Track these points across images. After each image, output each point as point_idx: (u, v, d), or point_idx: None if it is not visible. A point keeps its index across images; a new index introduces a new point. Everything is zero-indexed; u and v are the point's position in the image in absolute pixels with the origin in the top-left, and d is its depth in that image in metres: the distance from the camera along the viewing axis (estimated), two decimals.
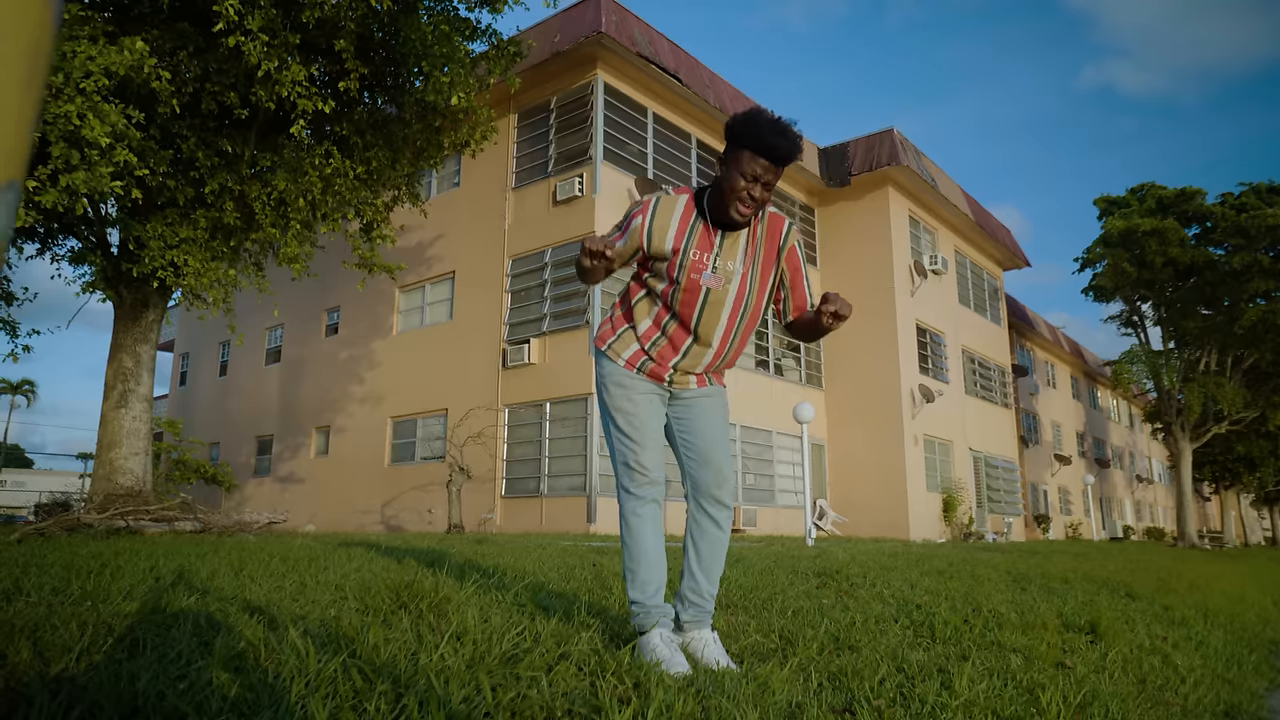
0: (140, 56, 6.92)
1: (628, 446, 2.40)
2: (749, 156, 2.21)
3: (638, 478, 2.39)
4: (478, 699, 1.72)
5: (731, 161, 2.26)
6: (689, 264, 2.33)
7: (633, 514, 2.40)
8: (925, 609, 3.78)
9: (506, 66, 10.08)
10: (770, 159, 2.20)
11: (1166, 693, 2.97)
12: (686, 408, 2.50)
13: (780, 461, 17.12)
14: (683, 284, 2.34)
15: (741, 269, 2.37)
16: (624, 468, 2.41)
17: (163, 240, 8.36)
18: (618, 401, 2.42)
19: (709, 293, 2.35)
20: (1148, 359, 25.64)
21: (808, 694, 2.14)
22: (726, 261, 2.35)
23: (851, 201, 19.65)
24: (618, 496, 2.46)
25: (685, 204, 2.38)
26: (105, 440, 8.79)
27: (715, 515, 2.45)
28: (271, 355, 20.59)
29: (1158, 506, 44.43)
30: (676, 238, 2.34)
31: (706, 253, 2.34)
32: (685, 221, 2.35)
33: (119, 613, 2.21)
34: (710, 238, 2.35)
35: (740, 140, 2.23)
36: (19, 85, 0.42)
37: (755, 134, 2.20)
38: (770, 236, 2.43)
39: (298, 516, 16.50)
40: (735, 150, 2.25)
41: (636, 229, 2.36)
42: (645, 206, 2.37)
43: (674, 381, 2.46)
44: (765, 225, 2.43)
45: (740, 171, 2.23)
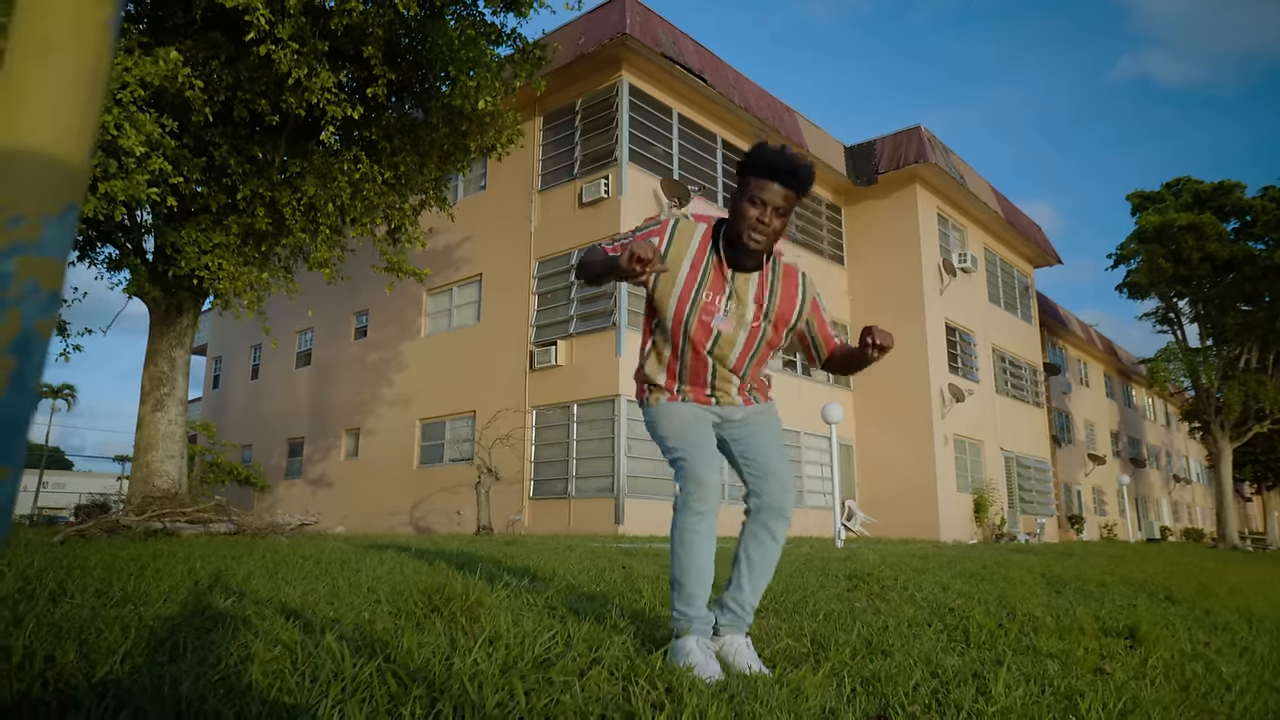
0: (174, 66, 7.05)
1: (685, 464, 2.38)
2: (757, 183, 2.22)
3: (699, 492, 2.35)
4: (511, 704, 1.73)
5: (742, 191, 2.26)
6: (700, 307, 2.33)
7: (691, 530, 2.37)
8: (959, 612, 3.74)
9: (532, 70, 10.13)
10: (781, 183, 2.21)
11: (1211, 701, 2.90)
12: (741, 427, 2.51)
13: (808, 462, 17.02)
14: (695, 323, 2.35)
15: (753, 314, 2.37)
16: (685, 482, 2.39)
17: (197, 246, 8.51)
18: (666, 429, 2.44)
19: (720, 334, 2.37)
20: (1185, 356, 25.12)
21: (841, 700, 2.12)
22: (738, 306, 2.35)
23: (879, 200, 19.49)
24: (675, 507, 2.43)
25: (702, 236, 2.35)
26: (142, 443, 8.96)
27: (774, 528, 2.44)
28: (302, 358, 20.86)
29: (1196, 507, 43.54)
30: (691, 271, 2.32)
31: (719, 295, 2.33)
32: (700, 256, 2.33)
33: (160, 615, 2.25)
34: (723, 279, 2.34)
35: (749, 169, 2.24)
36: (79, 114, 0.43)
37: (762, 161, 2.21)
38: (787, 285, 2.42)
39: (328, 518, 16.71)
40: (745, 178, 2.26)
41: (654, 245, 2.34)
42: (664, 227, 2.34)
43: (717, 395, 2.47)
44: (780, 272, 2.42)
45: (750, 199, 2.23)
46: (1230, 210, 24.54)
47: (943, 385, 18.37)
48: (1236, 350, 24.85)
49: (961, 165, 20.44)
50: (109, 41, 0.46)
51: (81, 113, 0.45)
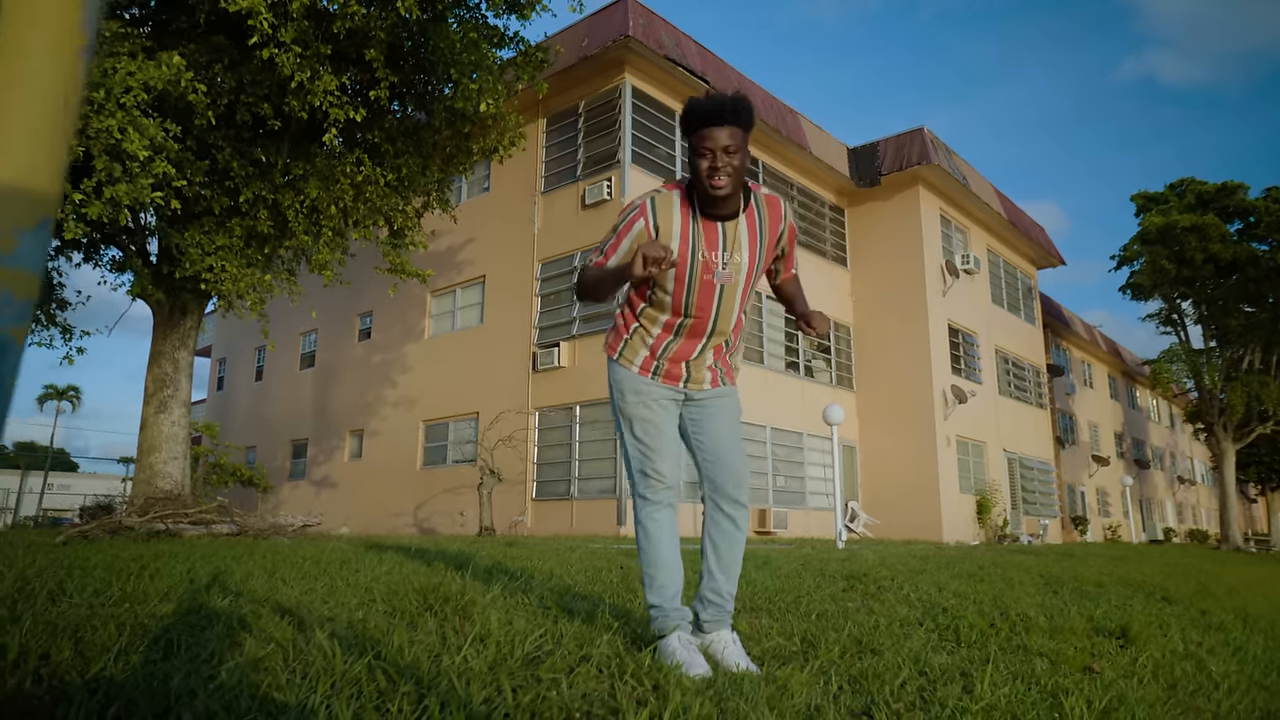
0: (177, 71, 7.11)
1: (644, 453, 2.43)
2: (697, 135, 2.22)
3: (654, 484, 2.42)
4: (498, 700, 1.76)
5: (690, 151, 2.27)
6: (700, 265, 2.34)
7: (650, 519, 2.43)
8: (951, 612, 3.76)
9: (534, 73, 10.17)
10: (716, 124, 2.18)
11: (1198, 699, 2.92)
12: (700, 409, 2.52)
13: (811, 464, 17.03)
14: (696, 287, 2.36)
15: (748, 257, 2.39)
16: (640, 475, 2.44)
17: (200, 248, 8.57)
18: (634, 409, 2.44)
19: (723, 288, 2.38)
20: (1188, 358, 25.06)
21: (826, 697, 2.15)
22: (734, 254, 2.36)
23: (881, 201, 19.50)
24: (633, 502, 2.49)
25: (680, 201, 2.34)
26: (145, 445, 9.02)
27: (733, 514, 2.47)
28: (306, 360, 20.93)
29: (1200, 508, 43.41)
30: (681, 240, 2.33)
31: (714, 250, 2.34)
32: (685, 221, 2.33)
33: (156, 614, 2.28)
34: (715, 233, 2.35)
35: (686, 127, 2.25)
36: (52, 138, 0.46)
37: (694, 114, 2.21)
38: (773, 218, 2.44)
39: (332, 519, 16.77)
40: (687, 138, 2.26)
41: (642, 232, 2.33)
42: (642, 208, 2.33)
43: (690, 381, 2.48)
44: (765, 208, 2.42)
45: (698, 153, 2.23)
46: (1234, 211, 24.49)
47: (945, 387, 18.37)
48: (1239, 352, 24.78)
49: (964, 166, 20.43)
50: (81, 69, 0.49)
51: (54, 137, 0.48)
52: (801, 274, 11.24)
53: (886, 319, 18.91)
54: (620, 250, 2.34)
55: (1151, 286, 25.25)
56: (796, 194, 18.47)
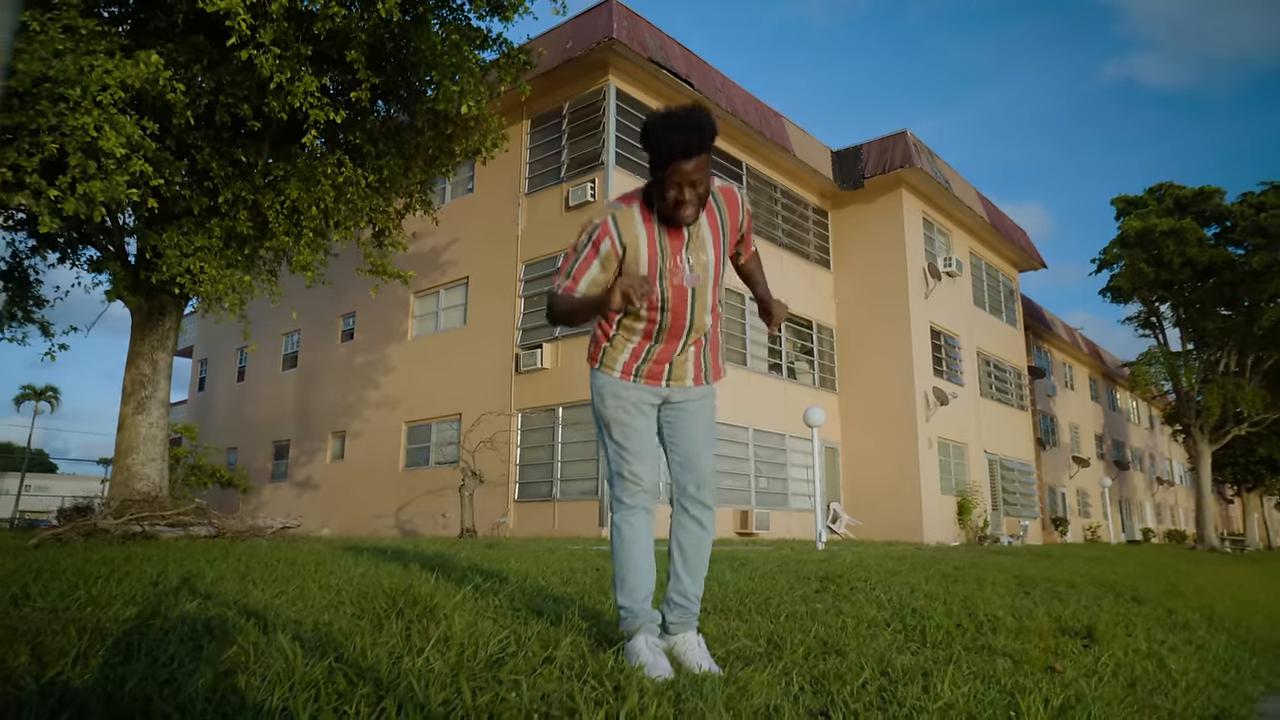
0: (155, 69, 7.07)
1: (623, 457, 2.45)
2: (664, 168, 2.21)
3: (631, 488, 2.44)
4: (456, 701, 1.78)
5: (656, 175, 2.25)
6: (668, 273, 2.36)
7: (625, 523, 2.46)
8: (920, 613, 3.80)
9: (517, 74, 10.17)
10: (683, 159, 2.17)
11: (1156, 696, 2.97)
12: (678, 411, 2.54)
13: (793, 465, 17.10)
14: (670, 294, 2.38)
15: (714, 254, 2.42)
16: (619, 478, 2.46)
17: (179, 249, 8.51)
18: (613, 413, 2.46)
19: (694, 291, 2.41)
20: (1166, 360, 25.36)
21: (786, 698, 2.18)
22: (699, 254, 2.39)
23: (865, 204, 19.61)
24: (611, 507, 2.52)
25: (640, 214, 2.34)
26: (123, 446, 8.95)
27: (699, 516, 2.51)
28: (288, 361, 20.82)
29: (1179, 509, 43.89)
30: (649, 251, 2.34)
31: (679, 255, 2.36)
32: (650, 233, 2.34)
33: (118, 618, 2.28)
34: (679, 238, 2.36)
35: (652, 158, 2.23)
36: None
37: (657, 145, 2.18)
38: (731, 210, 2.46)
39: (313, 521, 16.68)
40: (653, 163, 2.24)
41: (609, 253, 2.31)
42: (605, 227, 2.32)
43: (672, 379, 2.50)
44: (723, 201, 2.44)
45: (666, 183, 2.23)
46: (1210, 216, 24.82)
47: (927, 388, 18.50)
48: (1216, 354, 25.11)
49: (947, 170, 20.59)
50: None
51: None
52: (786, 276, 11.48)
53: (869, 321, 19.03)
54: (590, 272, 2.32)
55: (1131, 289, 25.54)
56: (780, 196, 18.55)
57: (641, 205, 2.36)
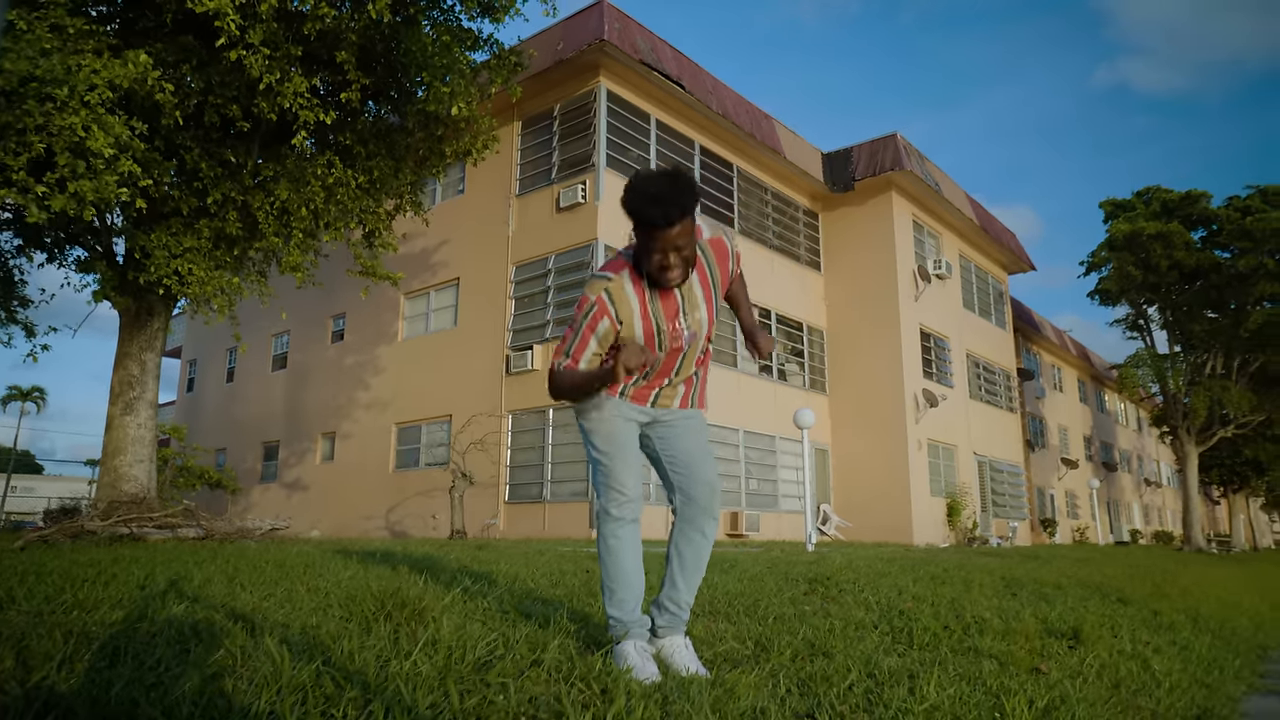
0: (144, 70, 7.03)
1: (609, 469, 2.46)
2: (646, 234, 2.19)
3: (619, 498, 2.45)
4: (444, 704, 1.79)
5: (640, 240, 2.24)
6: (667, 337, 2.37)
7: (613, 535, 2.45)
8: (908, 615, 3.82)
9: (508, 76, 10.16)
10: (665, 226, 2.15)
11: (1140, 697, 3.00)
12: (669, 428, 2.56)
13: (784, 466, 17.14)
14: (665, 356, 2.41)
15: (706, 310, 2.43)
16: (605, 489, 2.47)
17: (167, 250, 8.47)
18: (595, 424, 2.47)
19: (687, 349, 2.45)
20: (1153, 362, 25.55)
21: (774, 700, 2.19)
22: (693, 312, 2.40)
23: (855, 206, 19.68)
24: (597, 518, 2.52)
25: (631, 282, 2.32)
26: (110, 447, 8.90)
27: (704, 528, 2.51)
28: (278, 361, 20.75)
29: (1166, 510, 44.19)
30: (644, 321, 2.32)
31: (675, 319, 2.37)
32: (643, 302, 2.32)
33: (105, 621, 2.28)
34: (673, 300, 2.36)
35: (635, 223, 2.20)
36: None
37: (636, 215, 2.16)
38: (721, 261, 2.46)
39: (303, 522, 16.63)
40: (636, 229, 2.23)
41: (608, 332, 2.30)
42: (601, 304, 2.30)
43: (657, 402, 2.52)
44: (712, 254, 2.44)
45: (649, 250, 2.21)
46: (1197, 219, 25.03)
47: (917, 390, 18.57)
48: (1203, 356, 25.32)
49: (937, 173, 20.69)
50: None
51: None
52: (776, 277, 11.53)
53: (859, 323, 19.09)
54: (588, 350, 2.32)
55: (1119, 292, 25.73)
56: (771, 198, 18.60)
57: (631, 271, 2.33)
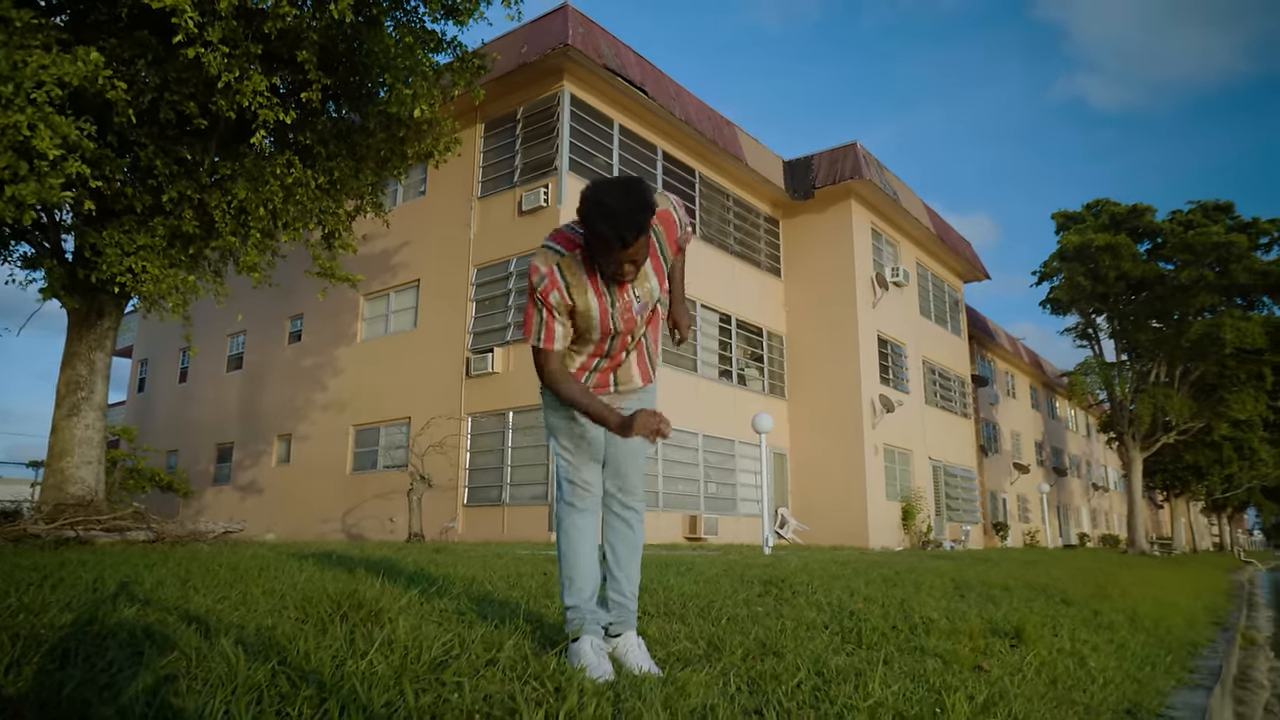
0: (95, 67, 6.89)
1: (572, 464, 2.54)
2: (601, 249, 2.22)
3: (581, 492, 2.53)
4: (399, 702, 1.82)
5: (595, 247, 2.25)
6: (620, 312, 2.41)
7: (573, 526, 2.53)
8: (858, 616, 3.92)
9: (471, 78, 10.14)
10: (620, 245, 2.17)
11: (1075, 692, 3.13)
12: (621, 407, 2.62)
13: (742, 470, 17.29)
14: (620, 330, 2.46)
15: (657, 280, 2.48)
16: (567, 483, 2.54)
17: (120, 248, 8.29)
18: (562, 421, 2.54)
19: (640, 317, 2.49)
20: (1101, 370, 26.29)
21: (724, 697, 2.25)
22: (644, 284, 2.45)
23: (815, 214, 19.96)
24: (557, 510, 2.59)
25: (583, 261, 2.34)
26: (56, 449, 8.68)
27: (627, 517, 2.60)
28: (233, 362, 20.37)
29: (1113, 514, 45.42)
30: (597, 298, 2.36)
31: (626, 290, 2.41)
32: (596, 286, 2.36)
33: (54, 624, 2.26)
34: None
35: (590, 235, 2.22)
36: None
37: (595, 229, 2.18)
38: (669, 234, 2.48)
39: (258, 525, 16.33)
40: (591, 240, 2.24)
41: (560, 302, 2.33)
42: (552, 278, 2.32)
43: (619, 384, 2.59)
44: (661, 230, 2.45)
45: (604, 259, 2.24)
46: (1143, 232, 25.84)
47: (874, 396, 18.87)
48: (1148, 365, 26.12)
49: (896, 182, 21.07)
50: None
51: None
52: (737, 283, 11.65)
53: (818, 329, 19.35)
54: (558, 330, 2.35)
55: (1069, 302, 26.44)
56: (732, 204, 18.77)
57: (582, 252, 2.34)
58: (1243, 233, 24.48)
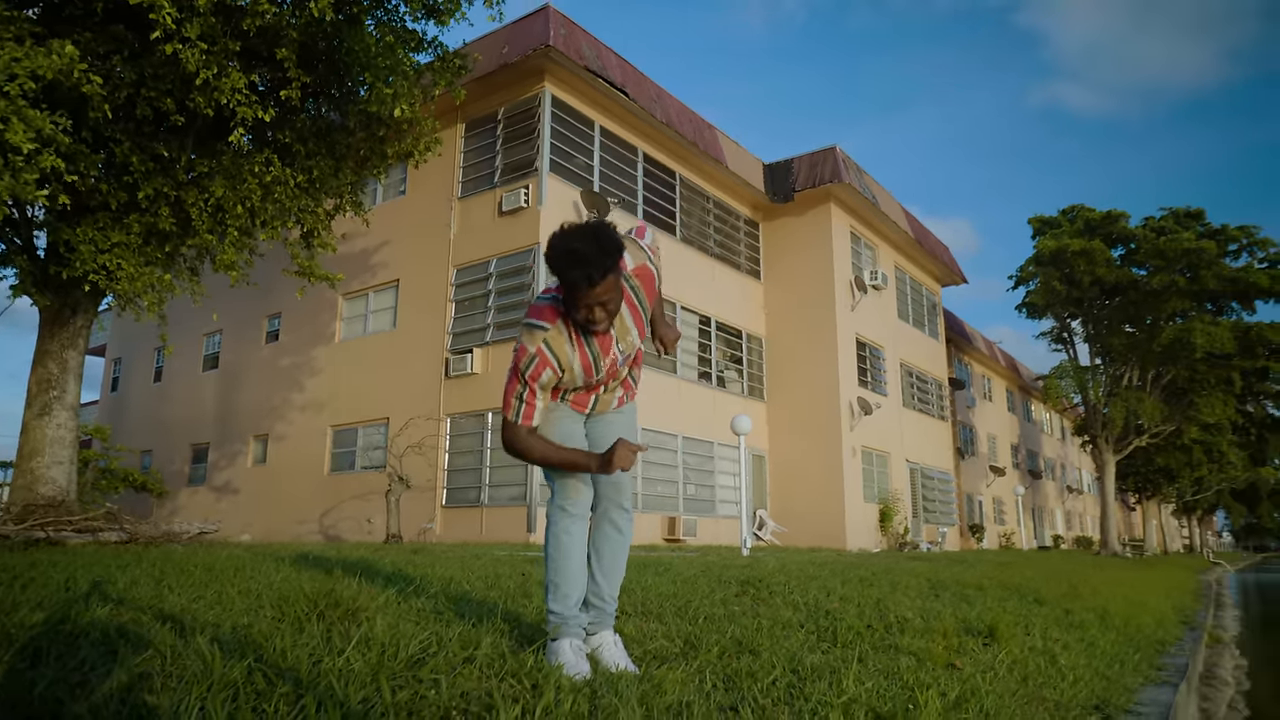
0: (70, 61, 6.80)
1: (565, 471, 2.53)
2: (571, 293, 2.24)
3: (573, 496, 2.52)
4: (376, 699, 1.82)
5: (565, 294, 2.28)
6: (604, 364, 2.46)
7: (565, 532, 2.52)
8: (834, 615, 3.96)
9: (452, 78, 10.10)
10: (589, 287, 2.20)
11: (1045, 689, 3.18)
12: (600, 422, 2.66)
13: (721, 472, 17.35)
14: (604, 379, 2.52)
15: (637, 331, 2.52)
16: (561, 488, 2.54)
17: (94, 245, 8.18)
18: (549, 432, 2.54)
19: (623, 368, 2.56)
20: (1075, 374, 26.66)
21: (699, 694, 2.27)
22: (625, 338, 2.49)
23: (795, 217, 20.08)
24: (549, 513, 2.58)
25: (566, 329, 2.38)
26: (26, 449, 8.55)
27: (617, 521, 2.60)
28: (209, 361, 20.15)
29: (1087, 516, 46.00)
30: (582, 361, 2.41)
31: (610, 348, 2.45)
32: (580, 345, 2.39)
33: (24, 624, 2.24)
34: (609, 335, 2.44)
35: (560, 280, 2.25)
36: None
37: (562, 276, 2.21)
38: (648, 290, 2.53)
39: (233, 526, 16.16)
40: (561, 284, 2.27)
41: (550, 380, 2.38)
42: (542, 356, 2.36)
43: (596, 409, 2.63)
44: (638, 285, 2.49)
45: (574, 304, 2.27)
46: (1117, 238, 26.24)
47: (852, 398, 19.01)
48: (1121, 369, 26.52)
49: (875, 186, 21.24)
50: None
51: None
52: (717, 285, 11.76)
53: (797, 331, 19.46)
54: (538, 408, 2.40)
55: (1045, 306, 26.79)
56: (713, 206, 18.84)
57: (563, 319, 2.38)
58: (1212, 239, 24.95)
